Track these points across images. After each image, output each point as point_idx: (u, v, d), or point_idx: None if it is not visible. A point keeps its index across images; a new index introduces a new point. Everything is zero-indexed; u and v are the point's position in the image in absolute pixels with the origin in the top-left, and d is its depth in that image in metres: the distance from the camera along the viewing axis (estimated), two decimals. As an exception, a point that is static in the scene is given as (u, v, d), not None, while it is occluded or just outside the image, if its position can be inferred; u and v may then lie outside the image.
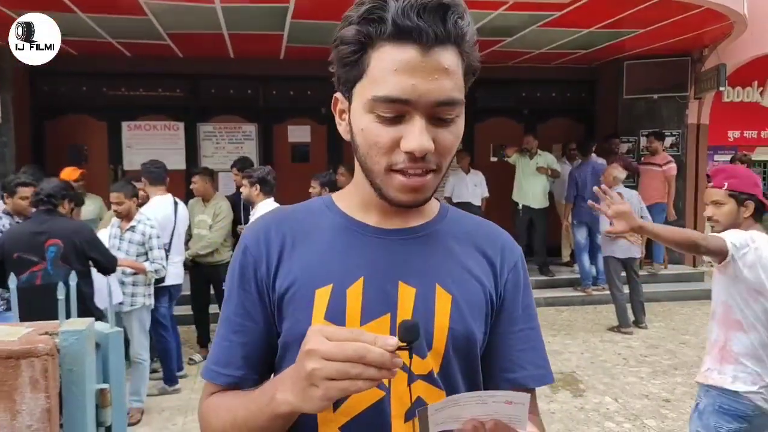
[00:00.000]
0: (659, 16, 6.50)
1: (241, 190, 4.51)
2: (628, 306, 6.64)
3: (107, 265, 3.90)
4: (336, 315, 0.95)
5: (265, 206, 4.39)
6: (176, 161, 8.35)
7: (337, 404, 0.93)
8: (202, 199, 5.75)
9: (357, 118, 0.93)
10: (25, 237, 3.61)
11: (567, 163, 8.54)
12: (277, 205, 4.04)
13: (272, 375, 1.03)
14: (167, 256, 4.86)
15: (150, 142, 8.48)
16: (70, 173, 5.57)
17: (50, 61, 7.13)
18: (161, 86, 8.57)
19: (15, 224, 4.32)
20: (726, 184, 2.53)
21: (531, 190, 8.18)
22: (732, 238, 2.39)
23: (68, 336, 1.36)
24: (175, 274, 5.08)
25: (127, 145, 8.48)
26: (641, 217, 6.25)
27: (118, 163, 8.35)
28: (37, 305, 2.86)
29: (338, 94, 0.99)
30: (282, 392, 0.83)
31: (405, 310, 0.95)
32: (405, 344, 0.76)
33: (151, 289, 4.62)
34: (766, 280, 2.36)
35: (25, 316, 2.07)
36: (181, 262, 5.25)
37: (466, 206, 8.02)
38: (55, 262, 3.55)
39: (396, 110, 0.88)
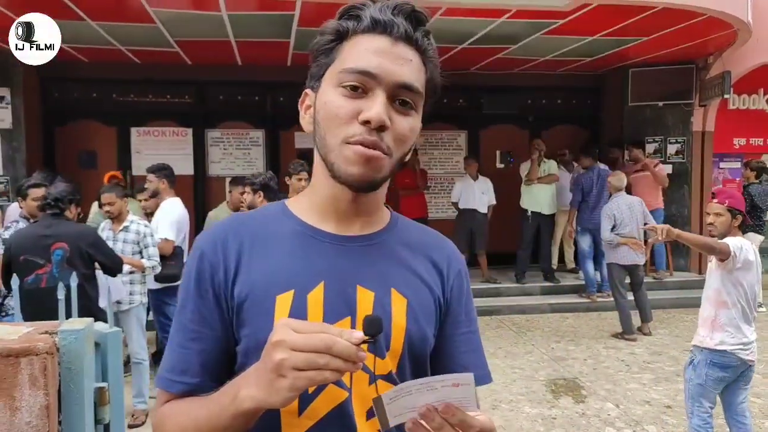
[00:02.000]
0: (663, 24, 6.52)
1: (244, 197, 4.53)
2: (634, 313, 6.64)
3: (113, 267, 3.97)
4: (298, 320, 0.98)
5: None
6: (184, 167, 8.45)
7: (302, 408, 0.95)
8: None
9: (322, 97, 0.98)
10: (31, 240, 3.68)
11: (564, 170, 8.58)
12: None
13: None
14: (184, 256, 4.97)
15: (158, 147, 8.58)
16: (106, 178, 5.95)
17: (60, 67, 7.23)
18: (170, 92, 8.67)
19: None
20: (727, 201, 3.54)
21: (542, 196, 8.21)
22: (733, 243, 3.39)
23: (67, 335, 1.41)
24: None
25: (136, 151, 8.58)
26: (645, 222, 6.32)
27: (127, 169, 8.45)
28: (42, 307, 2.93)
29: (308, 90, 1.05)
30: (246, 388, 0.83)
31: (364, 313, 0.98)
32: (369, 338, 0.79)
33: (145, 288, 4.70)
34: (746, 273, 3.43)
35: (31, 317, 2.12)
36: None
37: (471, 213, 8.07)
38: (61, 265, 3.61)
39: (362, 82, 0.94)
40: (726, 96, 7.98)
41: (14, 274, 2.08)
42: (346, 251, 1.02)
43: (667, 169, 8.37)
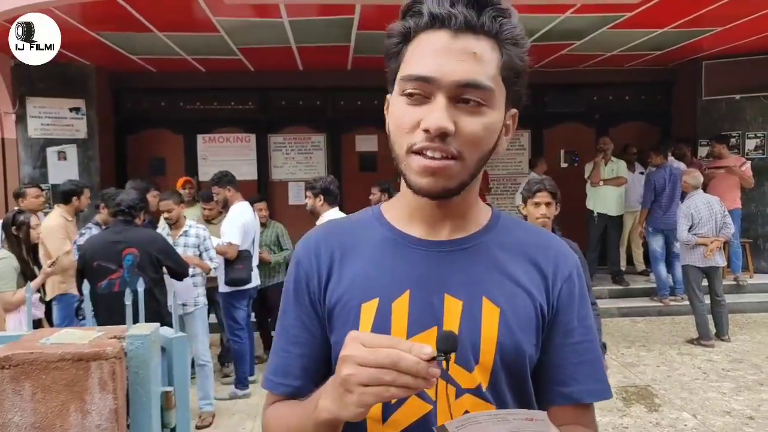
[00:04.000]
0: (739, 13, 6.17)
1: (306, 201, 4.55)
2: (710, 318, 6.31)
3: (180, 271, 4.07)
4: (382, 329, 0.95)
5: (330, 216, 4.45)
6: (248, 172, 8.65)
7: (385, 417, 0.94)
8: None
9: (391, 105, 0.96)
10: (104, 246, 3.82)
11: (632, 169, 8.25)
12: (342, 214, 4.09)
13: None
14: (251, 259, 5.08)
15: (223, 153, 8.80)
16: (179, 183, 6.30)
17: (131, 78, 7.53)
18: (234, 100, 8.88)
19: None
20: None
21: (608, 197, 7.93)
22: None
23: (134, 340, 1.42)
24: (255, 277, 5.25)
25: (202, 157, 8.83)
26: (724, 223, 6.00)
27: (194, 174, 8.69)
28: (116, 311, 3.02)
29: (388, 95, 1.00)
30: (323, 399, 0.84)
31: (451, 323, 0.95)
32: (442, 355, 0.76)
33: (204, 290, 4.81)
34: None
35: (106, 321, 2.19)
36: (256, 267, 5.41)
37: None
38: (132, 270, 3.73)
39: (421, 88, 0.89)
40: (810, 86, 7.50)
41: (85, 280, 2.15)
42: (434, 257, 0.99)
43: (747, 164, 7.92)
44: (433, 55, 0.89)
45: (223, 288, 5.05)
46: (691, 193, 6.25)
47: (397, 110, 0.93)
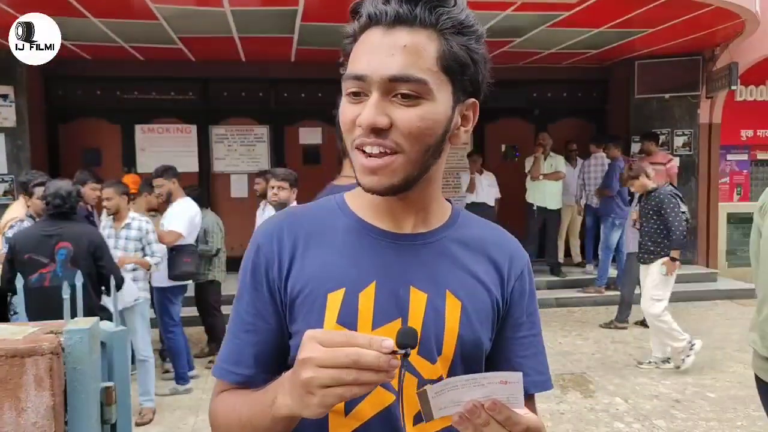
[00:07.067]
0: (669, 16, 6.46)
1: (277, 192, 4.31)
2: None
3: (108, 274, 3.83)
4: (348, 319, 0.95)
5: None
6: (189, 164, 8.45)
7: (348, 409, 0.94)
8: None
9: (340, 105, 0.97)
10: (35, 238, 3.67)
11: (570, 165, 8.53)
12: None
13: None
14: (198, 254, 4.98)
15: (163, 144, 8.58)
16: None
17: (64, 65, 7.20)
18: (174, 89, 8.66)
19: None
20: None
21: (547, 191, 8.17)
22: None
23: (73, 335, 1.38)
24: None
25: (141, 148, 8.58)
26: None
27: (132, 166, 8.45)
28: (46, 306, 2.91)
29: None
30: (282, 396, 0.83)
31: (416, 315, 0.96)
32: (402, 349, 0.76)
33: (147, 285, 4.70)
34: None
35: (35, 316, 2.11)
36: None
37: (480, 207, 8.04)
38: (65, 265, 3.60)
39: (358, 86, 0.91)
40: (733, 87, 7.93)
41: (18, 273, 2.07)
42: (400, 250, 0.99)
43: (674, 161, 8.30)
44: (366, 52, 0.90)
45: (161, 282, 4.94)
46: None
47: (342, 109, 0.94)
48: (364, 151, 0.91)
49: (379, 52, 0.89)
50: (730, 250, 8.99)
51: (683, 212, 5.42)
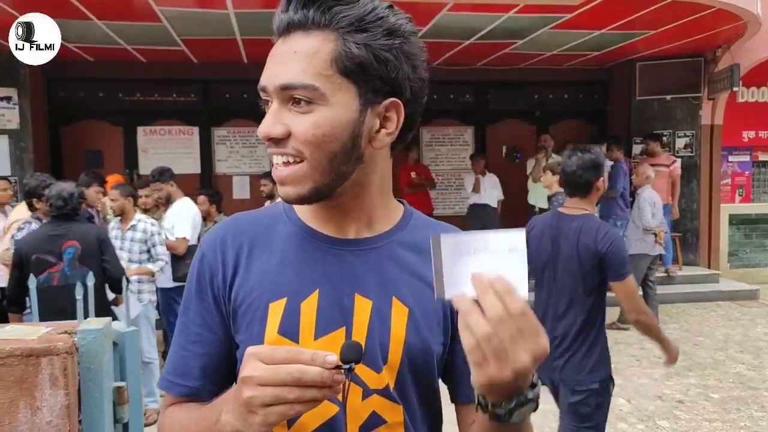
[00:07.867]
0: (671, 17, 6.47)
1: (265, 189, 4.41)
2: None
3: (113, 273, 3.87)
4: (290, 329, 0.92)
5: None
6: (191, 165, 8.48)
7: (291, 422, 0.91)
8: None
9: None
10: (42, 239, 3.69)
11: None
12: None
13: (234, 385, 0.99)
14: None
15: (165, 146, 8.59)
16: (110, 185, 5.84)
17: (66, 67, 7.19)
18: (176, 91, 8.67)
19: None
20: None
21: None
22: None
23: (86, 335, 1.40)
24: None
25: (143, 150, 8.59)
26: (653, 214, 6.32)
27: (134, 168, 8.46)
28: (54, 305, 2.93)
29: None
30: (226, 414, 0.81)
31: (360, 324, 0.93)
32: (346, 364, 0.75)
33: (154, 287, 4.71)
34: None
35: (44, 316, 2.12)
36: None
37: (483, 208, 8.05)
38: (73, 263, 3.62)
39: (264, 98, 0.92)
40: (735, 89, 7.92)
41: (31, 274, 2.08)
42: (344, 256, 0.96)
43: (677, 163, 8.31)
44: (268, 63, 0.91)
45: (167, 284, 4.95)
46: (646, 186, 6.55)
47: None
48: (273, 161, 0.91)
49: (276, 61, 0.89)
50: (731, 252, 8.98)
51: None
